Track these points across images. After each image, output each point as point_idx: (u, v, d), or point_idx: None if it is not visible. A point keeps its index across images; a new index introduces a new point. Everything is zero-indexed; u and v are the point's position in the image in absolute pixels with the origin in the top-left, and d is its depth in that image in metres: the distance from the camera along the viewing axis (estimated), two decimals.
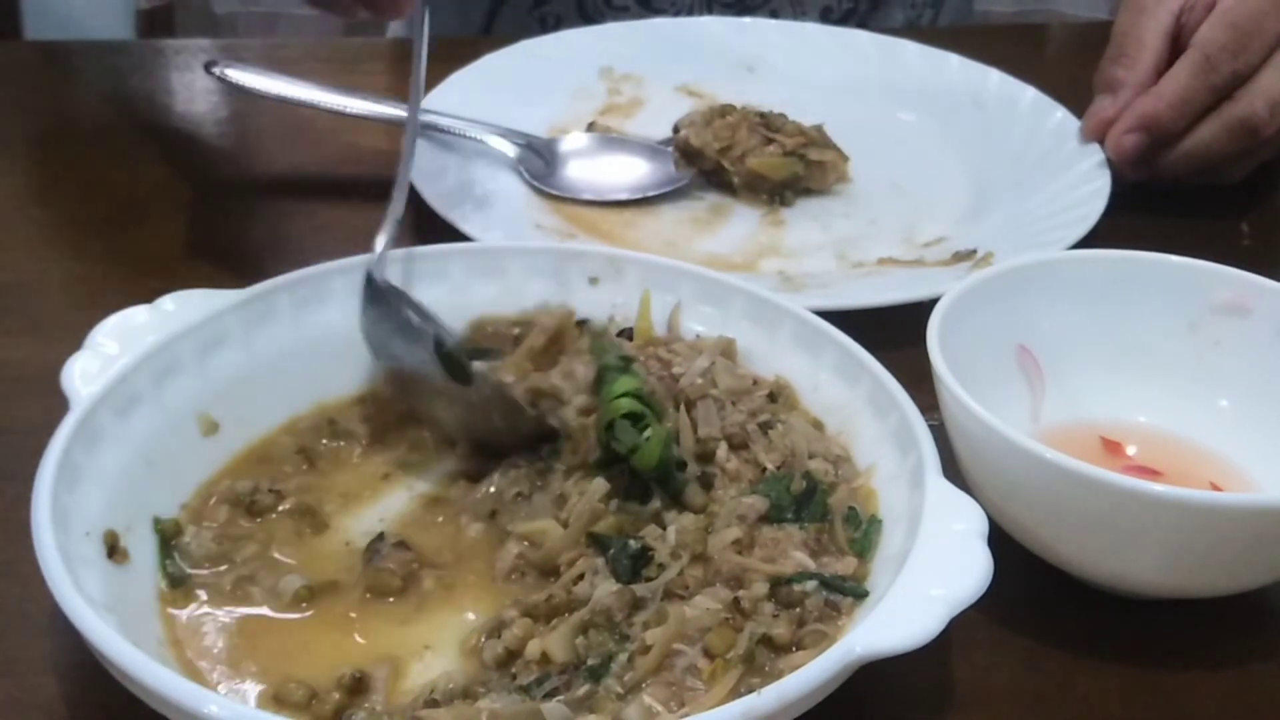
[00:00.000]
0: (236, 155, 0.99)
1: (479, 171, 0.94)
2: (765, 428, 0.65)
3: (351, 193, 0.95)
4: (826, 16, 1.26)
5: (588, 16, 1.25)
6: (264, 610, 0.58)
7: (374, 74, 1.13)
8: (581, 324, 0.71)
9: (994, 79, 1.06)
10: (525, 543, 0.61)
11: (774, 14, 1.24)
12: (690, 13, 1.24)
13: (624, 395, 0.62)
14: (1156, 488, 0.55)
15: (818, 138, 0.97)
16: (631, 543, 0.59)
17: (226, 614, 0.58)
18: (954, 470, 0.60)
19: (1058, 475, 0.56)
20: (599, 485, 0.61)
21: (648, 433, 0.62)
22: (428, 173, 0.89)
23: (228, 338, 0.66)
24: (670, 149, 0.97)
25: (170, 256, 0.89)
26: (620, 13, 1.24)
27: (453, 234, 0.83)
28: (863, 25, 1.25)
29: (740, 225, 0.93)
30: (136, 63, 1.13)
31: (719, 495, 0.62)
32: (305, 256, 0.70)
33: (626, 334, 0.71)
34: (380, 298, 0.66)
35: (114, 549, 0.57)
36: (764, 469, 0.63)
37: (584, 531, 0.60)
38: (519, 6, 1.26)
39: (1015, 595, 0.58)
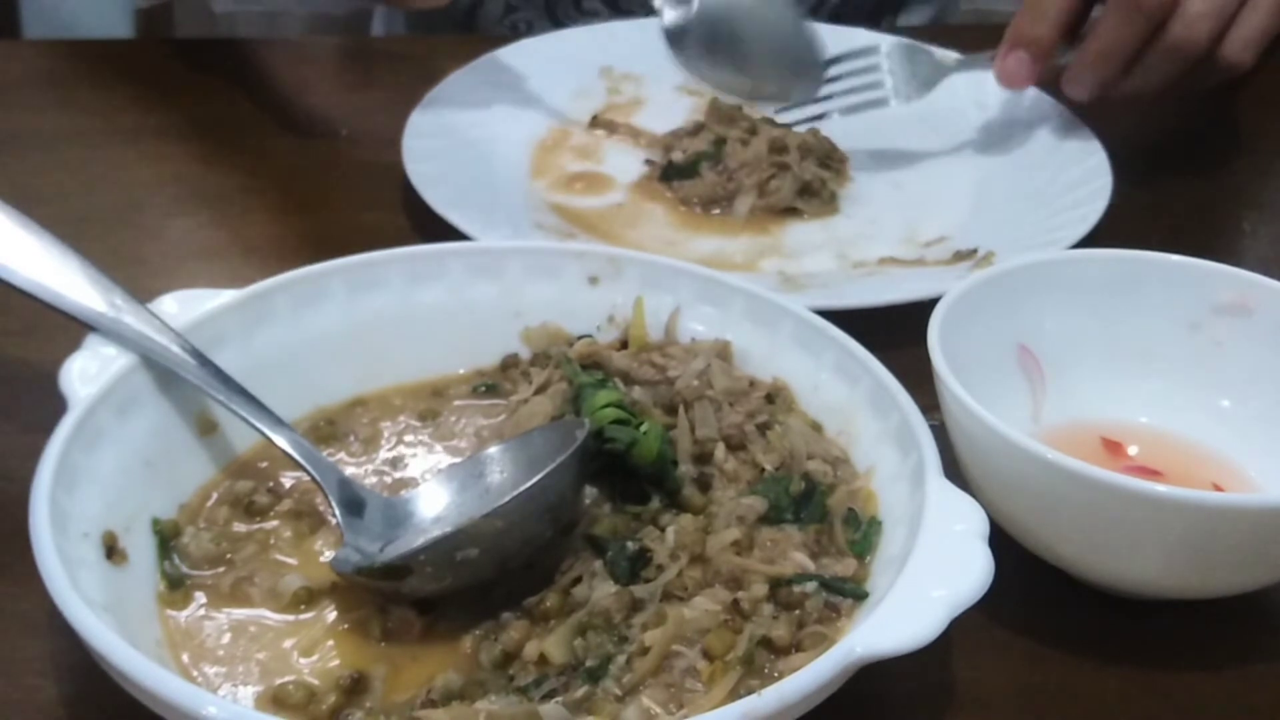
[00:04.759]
0: (236, 155, 0.99)
1: (479, 172, 0.94)
2: (763, 429, 0.65)
3: (351, 193, 0.96)
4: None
5: (558, 22, 1.25)
6: (263, 611, 0.58)
7: (371, 72, 1.13)
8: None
9: (995, 78, 1.06)
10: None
11: None
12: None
13: (606, 406, 0.62)
14: (1157, 488, 0.55)
15: (815, 145, 0.97)
16: (630, 544, 0.59)
17: (225, 615, 0.58)
18: (955, 470, 0.60)
19: (1058, 475, 0.56)
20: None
21: (644, 427, 0.62)
22: (428, 174, 0.89)
23: (227, 338, 0.66)
24: None
25: (170, 256, 0.89)
26: (591, 18, 1.24)
27: (453, 234, 0.83)
28: (836, 17, 1.25)
29: (740, 225, 0.93)
30: (136, 62, 1.13)
31: (717, 496, 0.62)
32: (305, 256, 0.70)
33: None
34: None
35: (112, 550, 0.57)
36: (762, 470, 0.63)
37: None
38: (488, 17, 1.27)
39: (1016, 595, 0.58)
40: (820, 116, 1.00)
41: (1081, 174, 0.93)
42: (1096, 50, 0.93)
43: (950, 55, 1.01)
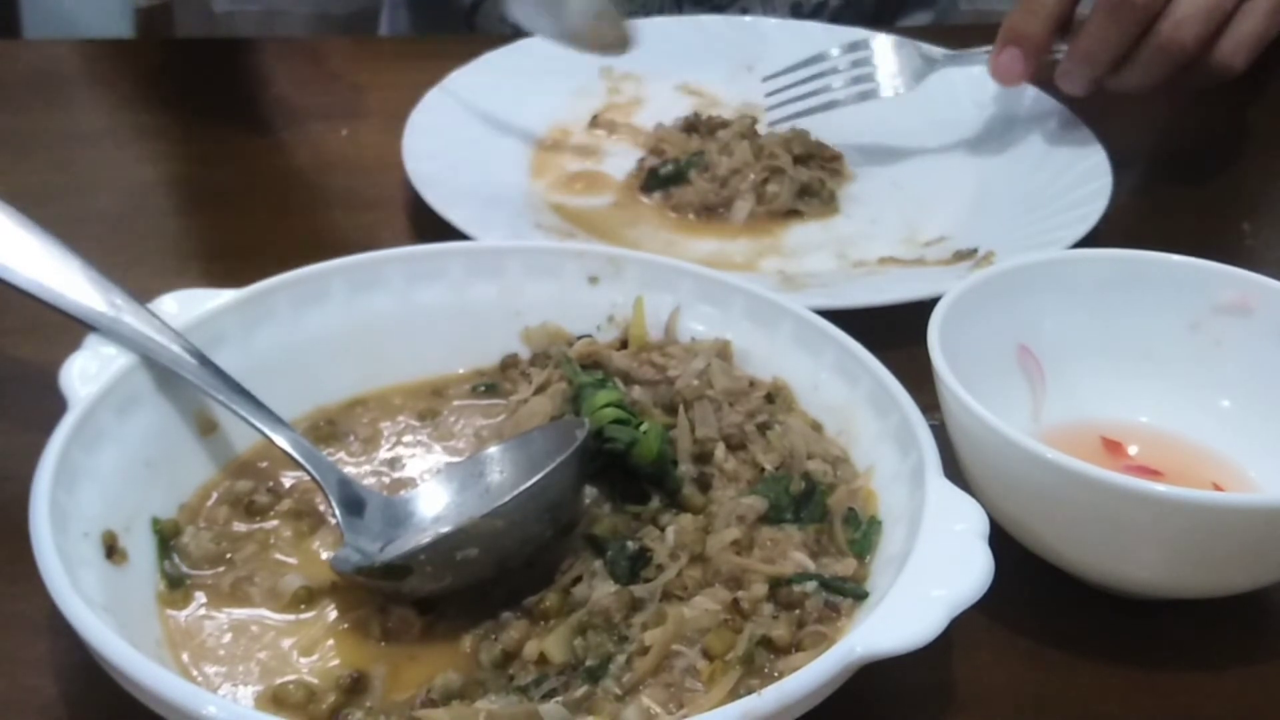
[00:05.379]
0: (236, 155, 0.99)
1: (479, 172, 0.94)
2: (763, 429, 0.65)
3: (351, 193, 0.96)
4: (796, 13, 1.26)
5: None
6: (263, 611, 0.58)
7: (371, 73, 1.13)
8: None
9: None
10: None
11: (744, 12, 1.25)
12: (661, 13, 1.24)
13: (606, 405, 0.62)
14: (1157, 488, 0.55)
15: (802, 143, 0.97)
16: (630, 544, 0.59)
17: (225, 615, 0.58)
18: (955, 470, 0.60)
19: (1058, 475, 0.56)
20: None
21: (644, 426, 0.62)
22: (428, 173, 0.89)
23: (227, 338, 0.66)
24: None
25: (170, 256, 0.89)
26: None
27: (453, 234, 0.83)
28: (835, 21, 1.25)
29: (740, 224, 0.93)
30: (136, 62, 1.13)
31: (717, 496, 0.62)
32: (305, 256, 0.70)
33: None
34: None
35: (112, 549, 0.57)
36: (762, 470, 0.63)
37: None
38: (490, 16, 1.27)
39: (1015, 595, 0.58)
40: (806, 113, 1.01)
41: (1081, 174, 0.93)
42: (1086, 47, 0.93)
43: (939, 49, 1.02)
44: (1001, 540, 0.58)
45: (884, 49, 1.01)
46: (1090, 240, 0.84)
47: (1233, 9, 0.92)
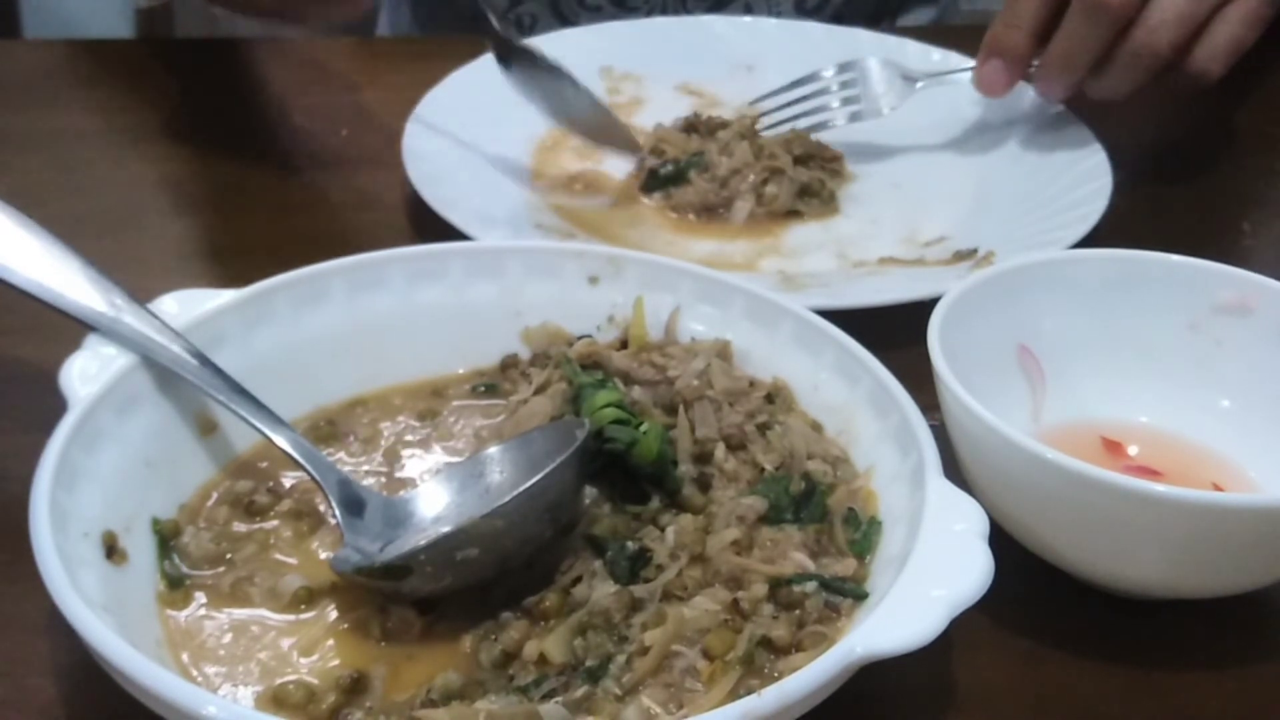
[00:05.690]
0: (236, 155, 0.99)
1: (479, 172, 0.94)
2: (763, 429, 0.65)
3: (351, 193, 0.96)
4: (801, 8, 1.26)
5: (562, 17, 1.25)
6: (263, 611, 0.58)
7: (371, 73, 1.13)
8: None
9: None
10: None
11: (748, 9, 1.25)
12: (664, 12, 1.24)
13: (606, 406, 0.62)
14: (1157, 488, 0.55)
15: (812, 148, 0.97)
16: (630, 544, 0.59)
17: (225, 615, 0.58)
18: (955, 470, 0.60)
19: (1058, 475, 0.56)
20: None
21: (644, 426, 0.62)
22: (428, 174, 0.89)
23: (227, 338, 0.66)
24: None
25: (170, 256, 0.89)
26: (594, 13, 1.25)
27: (453, 234, 0.83)
28: (838, 18, 1.26)
29: (740, 225, 0.93)
30: (136, 62, 1.13)
31: (717, 496, 0.62)
32: (305, 256, 0.70)
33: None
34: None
35: (112, 550, 0.57)
36: (762, 470, 0.63)
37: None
38: (494, 9, 1.27)
39: (1016, 595, 0.58)
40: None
41: (1081, 174, 0.93)
42: (1062, 50, 0.93)
43: (923, 65, 1.02)
44: (1001, 540, 0.58)
45: (870, 70, 1.02)
46: (1090, 240, 0.84)
47: (1208, 15, 0.92)
